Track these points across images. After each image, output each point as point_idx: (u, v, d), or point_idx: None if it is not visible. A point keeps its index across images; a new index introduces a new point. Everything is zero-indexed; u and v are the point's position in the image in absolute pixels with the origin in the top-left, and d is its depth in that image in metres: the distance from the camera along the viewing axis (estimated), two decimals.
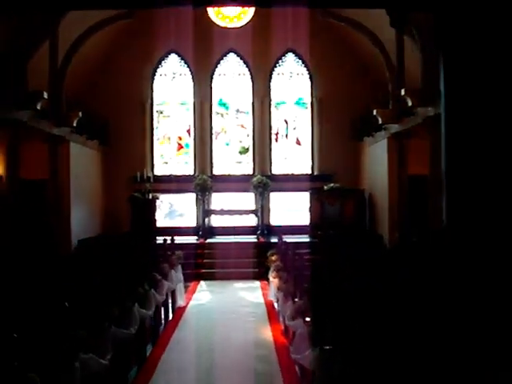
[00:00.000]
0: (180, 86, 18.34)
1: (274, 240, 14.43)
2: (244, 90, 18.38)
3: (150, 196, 16.75)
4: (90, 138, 16.06)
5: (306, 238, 16.01)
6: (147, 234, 15.48)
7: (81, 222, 15.07)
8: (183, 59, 18.18)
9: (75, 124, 14.29)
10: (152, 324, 8.38)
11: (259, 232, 16.84)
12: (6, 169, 12.01)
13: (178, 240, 12.75)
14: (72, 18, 13.07)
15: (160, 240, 12.05)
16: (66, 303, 5.38)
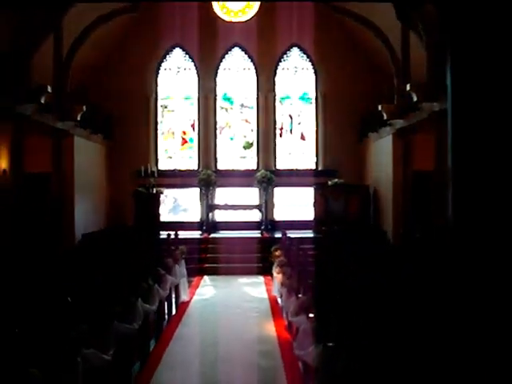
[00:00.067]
0: (184, 81, 18.30)
1: (278, 235, 14.40)
2: (248, 85, 18.33)
3: (154, 190, 16.74)
4: (94, 132, 16.05)
5: (310, 234, 15.95)
6: (151, 229, 15.49)
7: (85, 217, 15.07)
8: (188, 53, 18.13)
9: (79, 118, 14.30)
10: (155, 319, 8.38)
11: (263, 227, 16.81)
12: (10, 163, 11.98)
13: (182, 235, 12.76)
14: (77, 12, 13.03)
15: (164, 235, 12.06)
16: (69, 298, 5.36)
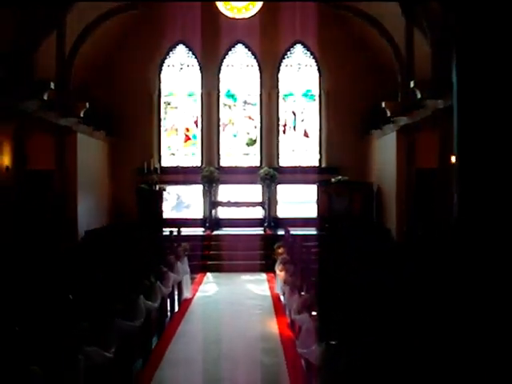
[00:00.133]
0: (188, 77, 18.26)
1: (281, 232, 14.38)
2: (252, 82, 18.28)
3: (157, 187, 16.73)
4: (97, 129, 16.02)
5: (313, 231, 15.91)
6: (154, 226, 15.47)
7: (87, 213, 15.06)
8: (191, 50, 18.08)
9: (82, 114, 14.30)
10: (158, 316, 8.36)
11: (266, 224, 16.79)
12: (13, 159, 11.97)
13: (185, 232, 12.74)
14: (79, 9, 13.02)
15: (166, 231, 12.03)
16: (70, 295, 5.35)
